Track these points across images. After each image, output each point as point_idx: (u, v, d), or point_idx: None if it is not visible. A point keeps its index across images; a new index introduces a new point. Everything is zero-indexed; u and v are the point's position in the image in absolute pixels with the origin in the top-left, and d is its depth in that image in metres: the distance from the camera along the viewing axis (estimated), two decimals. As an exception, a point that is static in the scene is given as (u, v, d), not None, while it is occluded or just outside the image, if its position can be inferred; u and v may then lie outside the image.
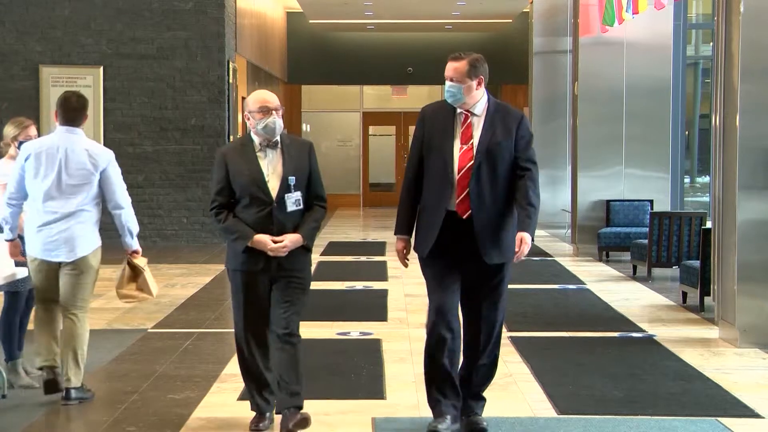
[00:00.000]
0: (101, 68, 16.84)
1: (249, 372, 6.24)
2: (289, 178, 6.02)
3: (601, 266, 14.74)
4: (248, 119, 6.07)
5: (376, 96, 28.59)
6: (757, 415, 6.72)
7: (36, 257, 7.04)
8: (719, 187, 9.56)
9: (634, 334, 9.54)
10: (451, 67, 6.01)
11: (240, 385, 7.36)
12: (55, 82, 16.76)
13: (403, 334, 9.35)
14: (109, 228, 7.38)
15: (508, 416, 6.56)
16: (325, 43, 26.98)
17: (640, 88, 15.68)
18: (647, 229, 13.44)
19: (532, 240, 5.98)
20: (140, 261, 7.32)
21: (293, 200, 6.03)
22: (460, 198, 5.93)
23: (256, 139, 6.09)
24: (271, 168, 6.06)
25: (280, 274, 6.06)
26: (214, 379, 7.62)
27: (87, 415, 6.86)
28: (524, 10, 23.09)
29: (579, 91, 16.18)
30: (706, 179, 18.00)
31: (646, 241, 13.27)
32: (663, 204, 15.43)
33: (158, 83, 16.91)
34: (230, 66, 17.40)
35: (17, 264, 7.32)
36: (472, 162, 5.92)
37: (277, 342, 6.03)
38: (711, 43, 12.90)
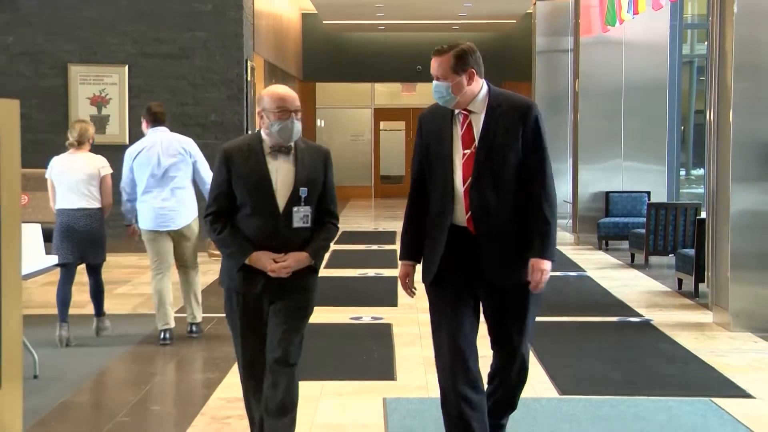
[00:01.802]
0: (126, 67, 16.85)
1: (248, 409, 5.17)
2: (301, 189, 4.87)
3: (601, 254, 14.74)
4: (261, 117, 4.97)
5: (387, 93, 28.59)
6: (748, 396, 6.73)
7: (149, 229, 8.34)
8: (713, 179, 9.55)
9: (632, 319, 9.54)
10: (435, 64, 4.83)
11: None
12: (83, 80, 16.78)
13: (412, 319, 9.36)
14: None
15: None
16: (339, 42, 26.98)
17: (638, 86, 15.68)
18: (645, 219, 13.44)
19: (553, 261, 4.88)
20: None
21: (301, 215, 4.88)
22: (470, 213, 4.78)
23: (267, 141, 4.94)
24: (281, 175, 4.90)
25: (281, 296, 4.92)
26: (234, 361, 7.61)
27: (114, 394, 6.89)
28: (528, 11, 23.05)
29: (580, 88, 16.17)
30: (701, 172, 17.96)
31: (643, 231, 13.26)
32: (660, 195, 15.43)
33: (180, 81, 16.93)
34: (248, 65, 17.41)
35: (60, 251, 8.36)
36: (472, 170, 4.78)
37: (272, 365, 4.94)
38: (706, 42, 12.88)
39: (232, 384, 6.99)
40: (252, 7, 18.04)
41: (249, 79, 17.44)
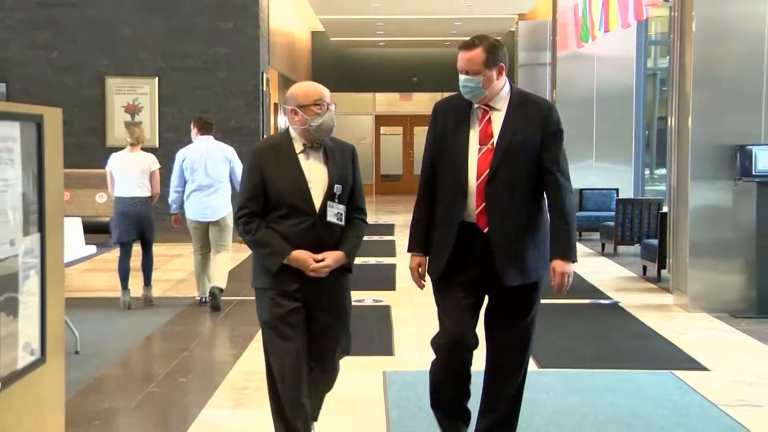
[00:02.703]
0: (156, 79, 16.84)
1: (281, 415, 4.40)
2: (336, 186, 4.27)
3: (575, 244, 14.72)
4: (293, 114, 4.27)
5: (387, 101, 28.56)
6: (704, 368, 6.73)
7: (194, 219, 9.01)
8: (674, 178, 9.55)
9: (603, 301, 9.55)
10: (464, 58, 4.18)
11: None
12: (118, 90, 16.78)
13: (409, 302, 9.36)
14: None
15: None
16: (344, 57, 26.94)
17: (608, 95, 15.68)
18: (614, 213, 13.43)
19: (575, 262, 4.31)
20: None
21: (335, 213, 4.27)
22: (480, 208, 4.16)
23: (298, 139, 4.31)
24: (315, 174, 4.28)
25: (318, 297, 4.34)
26: (251, 339, 7.64)
27: (145, 368, 6.90)
28: (511, 29, 23.02)
29: (557, 97, 16.15)
30: (663, 171, 17.93)
31: (612, 223, 13.26)
32: (627, 192, 15.42)
33: (204, 91, 16.92)
34: (264, 77, 17.39)
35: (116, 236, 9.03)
36: (489, 165, 4.16)
37: (315, 373, 4.51)
38: (668, 57, 12.85)
39: (249, 359, 7.00)
40: (267, 26, 18.02)
41: (264, 89, 17.43)
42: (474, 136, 4.20)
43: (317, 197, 4.24)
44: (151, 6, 16.87)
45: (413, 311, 8.83)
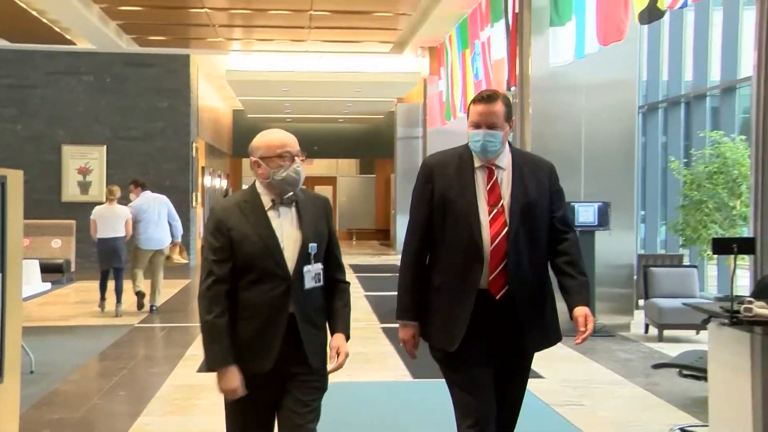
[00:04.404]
0: (105, 147, 16.54)
1: None
2: (310, 245, 2.99)
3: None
4: (257, 167, 3.05)
5: (293, 166, 28.53)
6: (540, 376, 6.84)
7: (146, 248, 10.19)
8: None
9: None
10: (487, 111, 3.16)
11: (198, 361, 7.24)
12: (72, 155, 16.40)
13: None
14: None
15: (379, 380, 6.56)
16: (258, 129, 26.10)
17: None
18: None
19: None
20: (180, 246, 10.53)
21: (313, 275, 3.00)
22: (494, 274, 3.08)
23: (266, 194, 3.04)
24: (287, 232, 3.00)
25: (295, 372, 2.98)
26: (180, 358, 7.49)
27: (90, 383, 6.68)
28: (391, 110, 23.36)
29: (427, 164, 16.36)
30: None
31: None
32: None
33: (144, 157, 16.67)
34: (193, 145, 17.23)
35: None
36: (508, 228, 3.10)
37: None
38: (512, 133, 13.29)
39: (178, 374, 6.85)
40: (197, 105, 17.91)
41: (194, 155, 17.27)
42: (482, 196, 3.15)
43: (290, 258, 2.97)
44: (102, 88, 16.61)
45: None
